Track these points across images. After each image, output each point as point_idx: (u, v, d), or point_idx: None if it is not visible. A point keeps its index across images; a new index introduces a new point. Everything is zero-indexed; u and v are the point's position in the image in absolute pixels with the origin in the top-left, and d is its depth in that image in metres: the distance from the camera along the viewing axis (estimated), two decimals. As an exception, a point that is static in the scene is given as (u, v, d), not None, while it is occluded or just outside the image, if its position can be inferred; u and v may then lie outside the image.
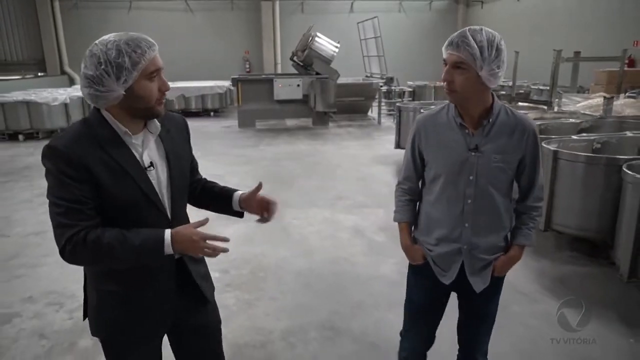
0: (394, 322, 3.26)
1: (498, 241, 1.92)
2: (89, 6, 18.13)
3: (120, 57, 1.39)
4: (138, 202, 1.50)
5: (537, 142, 1.85)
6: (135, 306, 1.59)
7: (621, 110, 6.78)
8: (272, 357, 2.93)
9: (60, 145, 1.41)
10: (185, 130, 1.77)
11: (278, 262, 4.26)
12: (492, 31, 1.72)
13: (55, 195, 1.42)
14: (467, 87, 1.73)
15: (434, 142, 1.91)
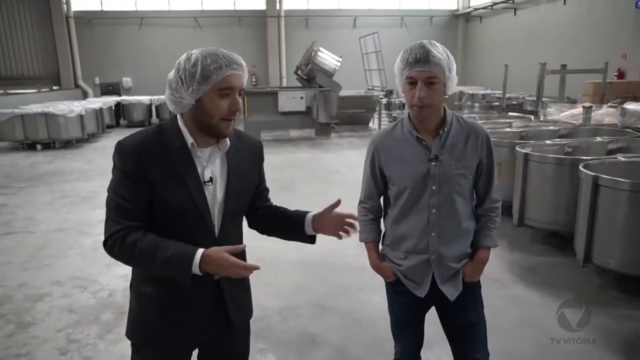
0: (376, 302, 3.73)
1: (464, 247, 1.96)
2: (102, 23, 18.91)
3: (195, 68, 1.42)
4: (188, 213, 1.51)
5: (490, 145, 1.92)
6: (169, 315, 1.59)
7: (601, 119, 7.23)
8: (269, 328, 3.39)
9: (128, 144, 1.48)
10: (259, 155, 1.76)
11: (276, 254, 4.72)
12: (435, 42, 1.79)
13: (113, 189, 1.48)
14: (439, 99, 1.77)
15: (393, 158, 1.93)
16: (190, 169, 1.51)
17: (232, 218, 1.63)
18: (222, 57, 1.44)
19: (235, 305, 1.67)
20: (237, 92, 1.49)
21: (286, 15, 19.43)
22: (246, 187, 1.68)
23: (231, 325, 1.67)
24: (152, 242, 1.45)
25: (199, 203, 1.52)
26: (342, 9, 19.99)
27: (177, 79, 1.44)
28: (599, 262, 3.76)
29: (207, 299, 1.60)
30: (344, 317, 3.53)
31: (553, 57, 11.74)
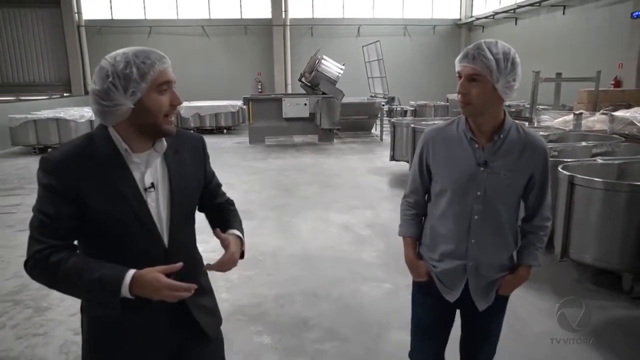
0: (365, 291, 4.02)
1: (503, 259, 1.89)
2: (112, 32, 19.41)
3: (128, 68, 1.34)
4: (130, 225, 1.41)
5: (547, 161, 1.82)
6: (123, 336, 1.48)
7: (593, 125, 7.47)
8: (265, 313, 3.67)
9: (53, 159, 1.37)
10: (202, 151, 1.67)
11: (275, 249, 5.02)
12: (507, 45, 1.71)
13: (37, 206, 1.38)
14: (482, 99, 1.69)
15: (442, 155, 1.87)
16: (126, 177, 1.41)
17: (183, 223, 1.55)
18: (151, 53, 1.38)
19: (203, 312, 1.59)
20: (173, 85, 1.43)
21: (292, 24, 19.86)
22: (193, 188, 1.59)
23: (201, 333, 1.59)
24: (78, 262, 1.34)
25: (140, 213, 1.42)
26: (347, 18, 20.39)
27: (107, 87, 1.33)
28: (575, 257, 4.01)
29: (163, 314, 1.49)
30: (335, 303, 3.80)
31: (552, 65, 12.01)
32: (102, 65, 1.36)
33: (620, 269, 3.81)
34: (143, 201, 1.43)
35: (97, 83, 1.36)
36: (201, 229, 1.72)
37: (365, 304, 3.79)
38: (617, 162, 4.50)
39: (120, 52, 1.37)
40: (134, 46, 1.41)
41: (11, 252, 4.97)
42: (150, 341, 1.50)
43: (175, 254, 1.47)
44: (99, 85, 1.35)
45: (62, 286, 1.38)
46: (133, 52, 1.37)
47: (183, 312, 1.53)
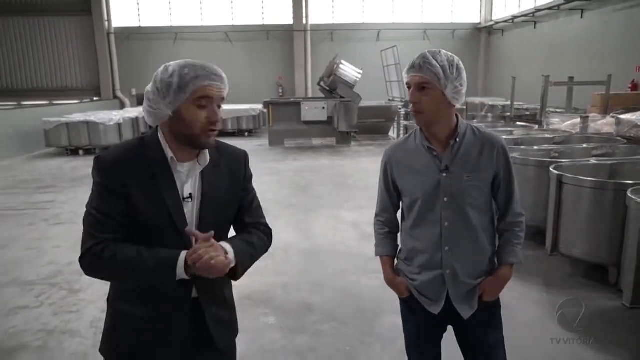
0: (365, 282, 4.34)
1: (481, 264, 1.88)
2: (139, 38, 20.13)
3: (171, 78, 1.41)
4: (165, 229, 1.47)
5: (507, 157, 1.84)
6: (145, 334, 1.54)
7: (601, 128, 7.62)
8: (272, 298, 4.03)
9: (107, 158, 1.46)
10: (243, 167, 1.68)
11: (287, 243, 5.37)
12: (450, 53, 1.77)
13: (91, 204, 1.46)
14: (433, 106, 1.73)
15: (405, 169, 1.89)
16: (170, 185, 1.48)
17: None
18: (199, 67, 1.44)
19: (218, 323, 1.61)
20: (215, 103, 1.46)
21: (312, 30, 20.25)
22: (225, 202, 1.60)
23: (214, 346, 1.60)
24: (132, 252, 1.42)
25: (177, 220, 1.47)
26: (366, 22, 20.67)
27: (154, 90, 1.44)
28: (564, 252, 4.25)
29: (185, 319, 1.54)
30: (337, 292, 4.13)
31: (570, 69, 12.09)
32: (158, 70, 1.47)
33: (607, 263, 4.03)
34: (182, 210, 1.48)
35: (150, 85, 1.47)
36: None
37: (364, 293, 4.10)
38: (610, 162, 4.71)
39: (175, 62, 1.46)
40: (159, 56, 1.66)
41: (46, 243, 5.46)
42: (165, 343, 1.54)
43: None
44: (150, 87, 1.47)
45: (120, 274, 1.46)
46: (183, 64, 1.44)
47: (200, 321, 1.57)
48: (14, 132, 12.08)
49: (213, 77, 1.45)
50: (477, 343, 1.95)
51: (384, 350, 3.22)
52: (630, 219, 3.46)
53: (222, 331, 1.64)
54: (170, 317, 1.53)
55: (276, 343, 3.33)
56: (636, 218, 3.37)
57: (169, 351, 1.55)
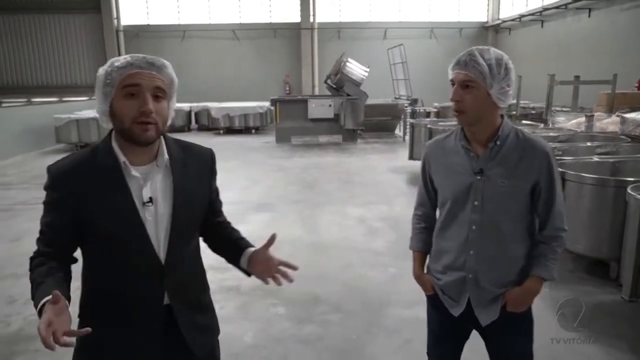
0: (372, 275, 4.45)
1: (508, 273, 1.80)
2: (148, 36, 20.34)
3: (102, 71, 1.38)
4: (125, 240, 1.40)
5: (551, 166, 1.72)
6: (113, 350, 1.45)
7: (606, 127, 7.69)
8: (281, 289, 4.08)
9: (54, 170, 1.39)
10: (210, 166, 1.62)
11: (294, 237, 5.49)
12: (499, 51, 1.69)
13: (42, 215, 1.42)
14: (476, 106, 1.67)
15: (441, 167, 1.86)
16: (123, 191, 1.38)
17: (183, 240, 1.49)
18: (129, 57, 1.36)
19: (193, 329, 1.54)
20: (146, 91, 1.34)
21: (319, 28, 20.36)
22: (198, 204, 1.55)
23: (191, 352, 1.53)
24: (39, 276, 1.34)
25: (135, 228, 1.39)
26: (373, 21, 20.77)
27: (95, 91, 1.39)
28: (567, 247, 4.33)
29: (158, 327, 1.47)
30: (344, 284, 4.24)
31: (577, 68, 12.15)
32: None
33: (608, 259, 4.12)
34: (138, 216, 1.40)
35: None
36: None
37: (370, 286, 4.22)
38: (612, 160, 4.79)
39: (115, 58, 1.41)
40: (167, 53, 1.69)
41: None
42: (138, 352, 1.47)
43: (173, 270, 1.47)
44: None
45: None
46: (122, 57, 1.38)
47: (174, 327, 1.50)
48: (25, 129, 12.26)
49: (142, 64, 1.36)
50: (498, 352, 1.91)
51: (389, 340, 3.33)
52: (630, 214, 3.55)
53: (198, 337, 1.56)
54: (142, 326, 1.46)
55: (285, 332, 3.44)
56: (635, 214, 3.45)
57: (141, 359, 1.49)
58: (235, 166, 9.99)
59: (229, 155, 11.50)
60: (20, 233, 5.63)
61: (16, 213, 6.50)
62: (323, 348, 3.23)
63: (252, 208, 6.64)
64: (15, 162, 10.94)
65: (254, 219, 6.13)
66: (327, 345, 3.26)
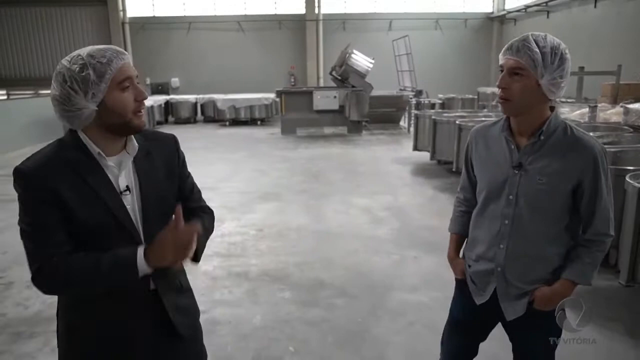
0: (376, 260, 4.57)
1: (538, 272, 1.75)
2: (154, 28, 20.40)
3: (85, 71, 1.30)
4: (109, 228, 1.39)
5: (598, 167, 1.61)
6: (105, 343, 1.47)
7: (609, 117, 7.75)
8: (287, 275, 4.27)
9: (26, 168, 1.34)
10: (175, 152, 1.61)
11: (300, 226, 5.62)
12: (557, 39, 1.59)
13: (23, 220, 1.35)
14: (524, 96, 1.58)
15: (482, 154, 1.81)
16: (103, 181, 1.39)
17: (156, 226, 1.45)
18: (107, 50, 1.34)
19: (177, 311, 1.57)
20: (135, 80, 1.39)
21: (324, 19, 20.36)
22: (166, 189, 1.54)
23: (177, 333, 1.57)
24: (89, 260, 1.35)
25: (119, 215, 1.40)
26: (378, 12, 20.74)
27: (67, 92, 1.31)
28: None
29: (147, 313, 1.50)
30: (348, 270, 4.36)
31: (583, 59, 12.11)
32: (58, 69, 1.34)
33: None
34: (121, 203, 1.41)
35: (56, 88, 1.33)
36: (233, 209, 2.26)
37: (374, 271, 4.33)
38: (613, 150, 4.86)
39: (75, 54, 1.35)
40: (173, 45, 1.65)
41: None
42: (126, 342, 1.49)
43: None
44: (58, 91, 1.32)
45: (78, 285, 1.38)
46: (88, 53, 1.33)
47: (159, 312, 1.52)
48: (33, 121, 12.40)
49: (122, 55, 1.37)
50: (519, 347, 1.90)
51: (393, 322, 3.45)
52: (627, 202, 3.63)
53: (182, 318, 1.60)
54: (130, 313, 1.47)
55: (292, 314, 3.57)
56: (633, 201, 3.54)
57: (134, 347, 1.50)
58: (242, 157, 10.12)
59: (235, 146, 11.64)
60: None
61: (29, 202, 6.65)
62: (329, 329, 3.36)
63: (258, 198, 6.77)
64: (24, 153, 10.85)
65: (260, 209, 6.26)
66: (332, 327, 3.39)
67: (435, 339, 2.92)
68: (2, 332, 3.36)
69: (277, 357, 3.04)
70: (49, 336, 3.28)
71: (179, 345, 1.60)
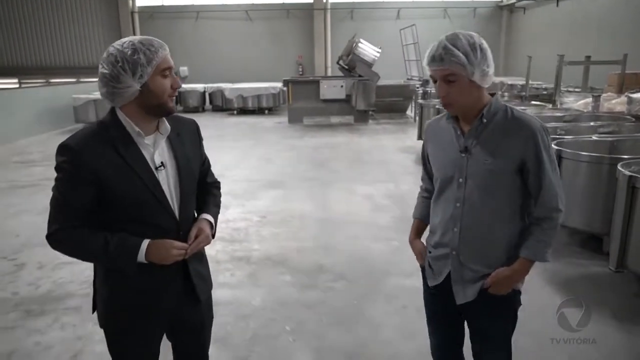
0: (375, 247, 4.69)
1: (493, 254, 1.78)
2: (163, 17, 20.52)
3: (136, 54, 1.48)
4: (146, 201, 1.57)
5: (538, 144, 1.67)
6: (144, 297, 1.67)
7: (614, 107, 7.75)
8: (288, 259, 4.41)
9: (72, 144, 1.50)
10: (197, 134, 1.83)
11: (303, 212, 5.75)
12: (468, 33, 1.67)
13: (57, 188, 1.53)
14: (463, 96, 1.67)
15: (434, 144, 1.91)
16: (139, 158, 1.56)
17: (188, 200, 1.71)
18: (154, 41, 1.55)
19: (198, 277, 1.78)
20: (172, 71, 1.60)
21: (332, 8, 20.34)
22: (194, 168, 1.77)
23: (196, 297, 1.78)
24: (99, 237, 1.53)
25: (154, 189, 1.58)
26: (386, 1, 20.65)
27: (117, 71, 1.48)
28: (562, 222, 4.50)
29: (178, 274, 1.71)
30: (349, 255, 4.49)
31: (592, 47, 12.05)
32: (110, 51, 1.51)
33: (601, 233, 4.29)
34: (156, 179, 1.59)
35: (106, 67, 1.50)
36: (238, 196, 2.37)
37: (373, 257, 4.46)
38: (611, 139, 4.92)
39: (127, 40, 1.53)
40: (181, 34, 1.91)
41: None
42: (161, 297, 1.69)
43: (185, 225, 1.70)
44: (109, 70, 1.49)
45: (84, 257, 1.61)
46: (138, 40, 1.52)
47: (183, 277, 1.73)
48: (45, 109, 12.63)
49: (164, 47, 1.57)
50: (475, 333, 1.93)
51: (388, 305, 3.58)
52: (618, 189, 3.71)
53: (202, 284, 1.81)
54: (163, 277, 1.66)
55: (291, 296, 3.71)
56: (623, 189, 3.62)
57: (163, 305, 1.71)
58: (249, 146, 10.25)
59: (243, 135, 11.77)
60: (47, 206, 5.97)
61: (42, 188, 6.83)
62: (325, 311, 3.50)
63: (264, 185, 6.91)
64: (36, 140, 11.33)
65: (266, 196, 6.40)
66: (329, 309, 3.53)
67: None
68: (15, 309, 3.54)
69: (274, 336, 3.18)
70: (59, 314, 3.46)
71: (196, 308, 1.83)
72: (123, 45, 1.51)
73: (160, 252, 1.57)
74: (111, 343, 1.76)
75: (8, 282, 3.99)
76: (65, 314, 3.46)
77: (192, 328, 1.88)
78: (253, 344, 3.10)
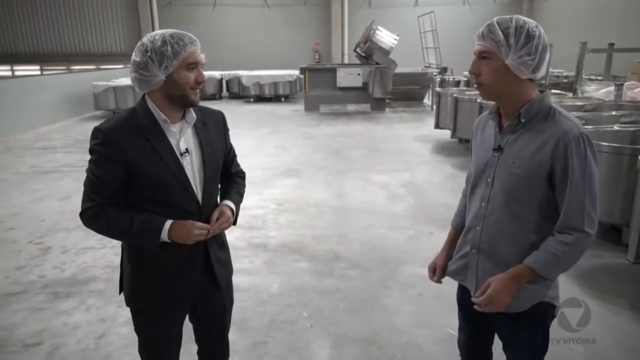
0: (391, 235, 4.72)
1: (510, 261, 1.63)
2: (181, 4, 20.57)
3: (164, 47, 1.57)
4: (170, 183, 1.67)
5: (572, 154, 1.50)
6: (168, 279, 1.77)
7: (637, 96, 7.61)
8: (304, 247, 4.47)
9: (105, 128, 1.62)
10: (223, 125, 1.93)
11: (319, 200, 5.80)
12: (525, 19, 1.57)
13: (90, 169, 1.65)
14: (494, 78, 1.58)
15: (478, 138, 1.82)
16: (164, 143, 1.67)
17: (210, 186, 1.81)
18: (184, 36, 1.62)
19: (219, 263, 1.87)
20: (200, 65, 1.67)
21: (350, -5, 20.15)
22: (218, 156, 1.86)
23: (217, 282, 1.87)
24: (127, 215, 1.65)
25: (177, 173, 1.68)
26: (405, -13, 20.39)
27: (146, 60, 1.58)
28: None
29: (200, 259, 1.81)
30: (364, 244, 4.53)
31: (615, 35, 11.79)
32: (143, 41, 1.61)
33: (621, 224, 4.26)
34: (180, 164, 1.69)
35: (137, 56, 1.60)
36: (255, 184, 2.38)
37: (388, 245, 4.49)
38: (633, 129, 4.85)
39: (159, 32, 1.61)
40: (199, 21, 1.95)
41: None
42: (189, 282, 1.81)
43: (207, 208, 1.78)
44: (140, 58, 1.59)
45: (112, 233, 1.70)
46: (170, 34, 1.61)
47: (204, 262, 1.83)
48: (65, 96, 12.83)
49: (195, 43, 1.65)
50: (504, 340, 1.81)
51: (403, 293, 3.61)
52: (639, 180, 3.68)
53: (222, 270, 1.90)
54: (187, 259, 1.77)
55: (307, 283, 3.77)
56: (644, 180, 3.58)
57: (188, 290, 1.82)
58: (265, 133, 10.31)
59: (260, 122, 11.82)
60: (70, 192, 6.10)
61: (64, 174, 6.99)
62: (341, 298, 3.55)
63: (280, 173, 6.97)
64: (58, 127, 11.54)
65: (282, 184, 6.46)
66: (345, 295, 3.58)
67: (442, 310, 3.08)
68: (42, 291, 3.67)
69: (292, 322, 3.25)
70: (84, 296, 3.57)
71: (218, 291, 1.92)
72: (155, 36, 1.60)
73: (182, 232, 1.66)
74: (137, 322, 1.86)
75: (35, 265, 4.12)
76: (90, 297, 3.57)
77: (214, 310, 1.96)
78: (271, 329, 3.17)
